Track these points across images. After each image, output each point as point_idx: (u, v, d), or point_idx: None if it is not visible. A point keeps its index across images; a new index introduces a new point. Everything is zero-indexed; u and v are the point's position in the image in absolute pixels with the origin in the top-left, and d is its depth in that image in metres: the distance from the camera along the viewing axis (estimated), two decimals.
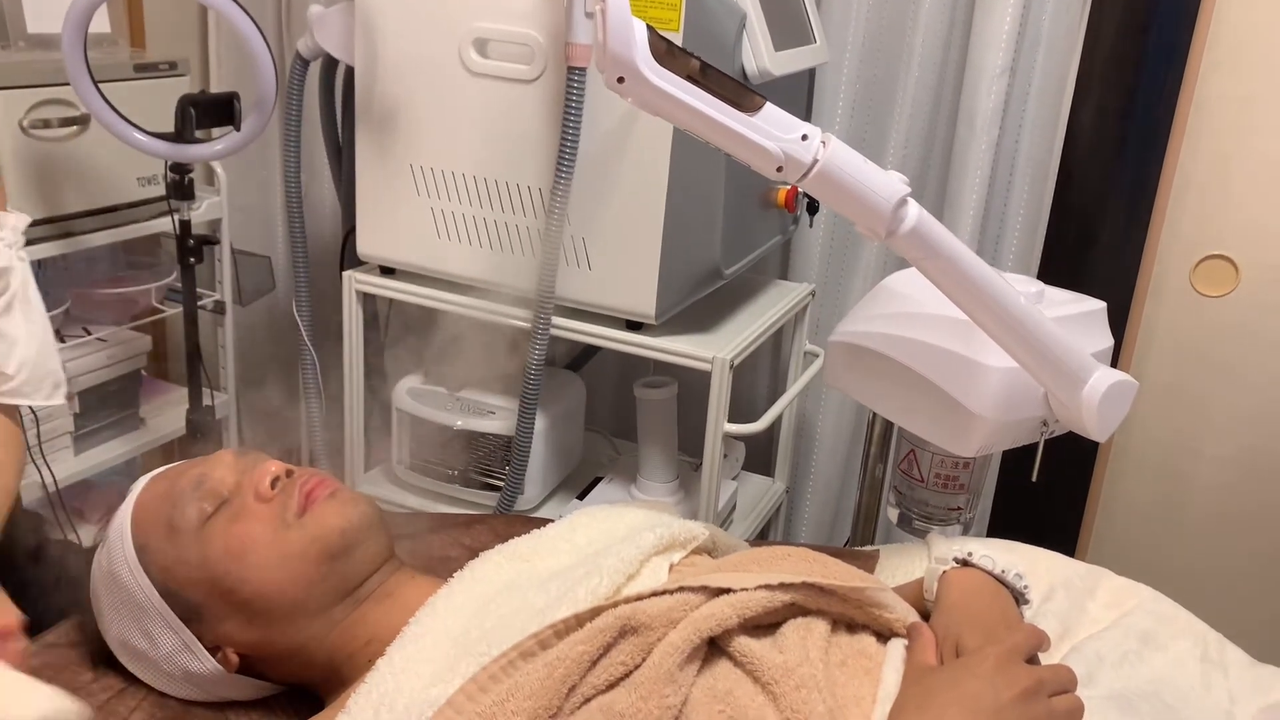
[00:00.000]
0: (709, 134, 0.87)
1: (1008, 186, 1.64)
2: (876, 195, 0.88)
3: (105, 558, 0.93)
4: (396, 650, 0.83)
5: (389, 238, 1.47)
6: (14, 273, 1.04)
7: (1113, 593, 1.09)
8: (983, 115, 1.56)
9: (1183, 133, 1.60)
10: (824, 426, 1.84)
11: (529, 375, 1.39)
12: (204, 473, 0.92)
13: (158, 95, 1.53)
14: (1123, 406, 1.06)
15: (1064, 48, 1.56)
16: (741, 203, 1.44)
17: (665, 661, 0.76)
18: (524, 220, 1.37)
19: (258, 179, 2.04)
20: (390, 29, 1.37)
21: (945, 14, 1.60)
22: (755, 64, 1.32)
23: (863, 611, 0.86)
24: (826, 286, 1.78)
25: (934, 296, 1.06)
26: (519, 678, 0.75)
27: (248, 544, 0.87)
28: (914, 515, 1.31)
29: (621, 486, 1.59)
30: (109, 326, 1.67)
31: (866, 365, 1.22)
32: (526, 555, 0.96)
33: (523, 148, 1.33)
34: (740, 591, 0.81)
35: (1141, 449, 1.77)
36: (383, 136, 1.42)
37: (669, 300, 1.36)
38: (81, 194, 1.51)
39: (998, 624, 0.87)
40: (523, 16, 1.28)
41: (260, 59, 1.31)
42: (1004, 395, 1.09)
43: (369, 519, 0.92)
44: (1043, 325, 0.99)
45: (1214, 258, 1.64)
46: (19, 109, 1.41)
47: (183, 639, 0.90)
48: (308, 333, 1.57)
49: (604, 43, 0.81)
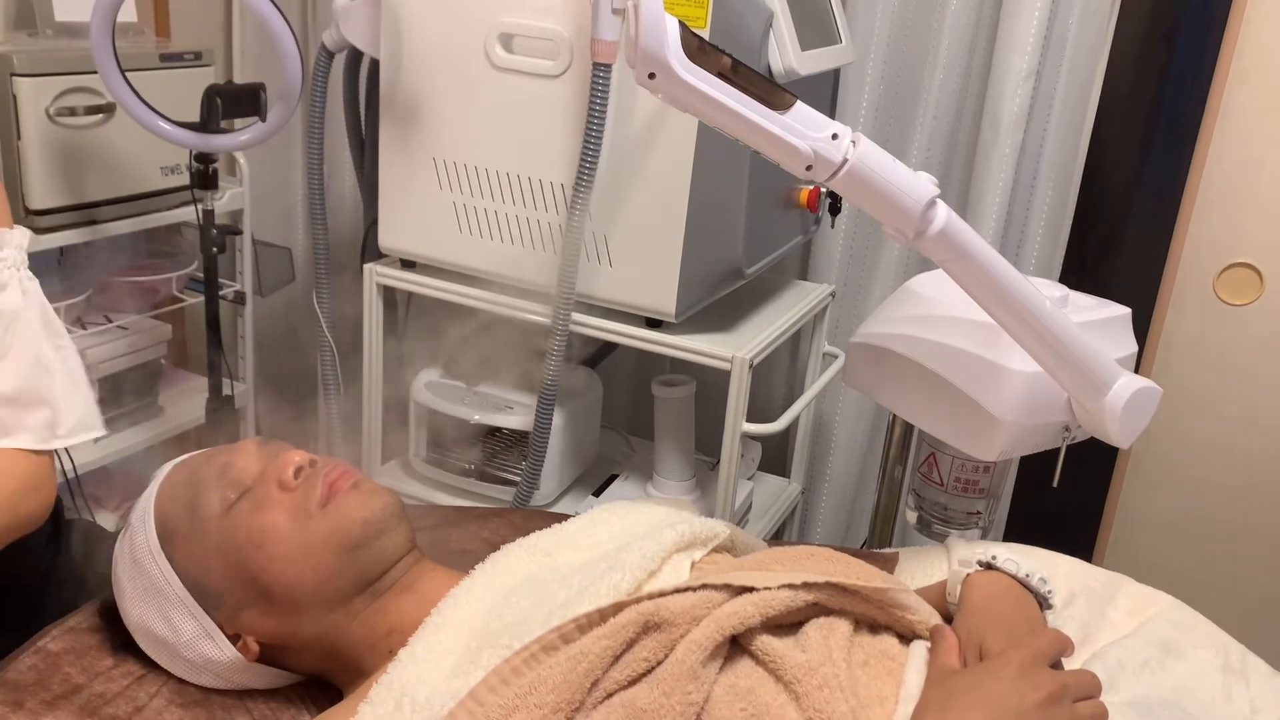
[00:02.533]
0: (739, 131, 0.87)
1: (1031, 190, 1.63)
2: (906, 196, 0.88)
3: (128, 543, 0.93)
4: (418, 641, 0.83)
5: (411, 231, 1.47)
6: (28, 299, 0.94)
7: (1133, 600, 1.08)
8: (1007, 118, 1.55)
9: (1209, 140, 1.59)
10: (841, 428, 1.83)
11: (548, 371, 1.39)
12: (228, 461, 0.92)
13: (182, 85, 1.54)
14: (1146, 413, 1.05)
15: (1090, 52, 1.55)
16: (763, 202, 1.43)
17: (688, 658, 0.76)
18: (546, 216, 1.37)
19: (278, 170, 2.04)
20: (416, 22, 1.37)
21: (971, 16, 1.59)
22: (781, 63, 1.32)
23: (885, 612, 0.86)
24: (846, 288, 1.78)
25: (958, 299, 1.06)
26: (542, 671, 0.75)
27: (270, 533, 0.88)
28: (933, 519, 1.30)
29: (637, 484, 1.58)
30: (130, 315, 1.67)
31: (888, 367, 1.21)
32: (548, 549, 0.96)
33: (546, 143, 1.33)
34: (763, 590, 0.81)
35: (1162, 456, 1.76)
36: (406, 130, 1.42)
37: (690, 298, 1.36)
38: (105, 182, 1.52)
39: (1022, 628, 0.86)
40: (548, 12, 1.28)
41: (287, 51, 1.31)
42: (1027, 400, 1.09)
43: (391, 510, 0.92)
44: (1068, 330, 0.98)
45: (1238, 266, 1.63)
46: (46, 96, 1.42)
47: (203, 626, 0.90)
48: (328, 324, 1.58)
49: (636, 38, 0.81)
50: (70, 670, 0.91)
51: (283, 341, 2.06)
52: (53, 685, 0.90)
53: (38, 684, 0.89)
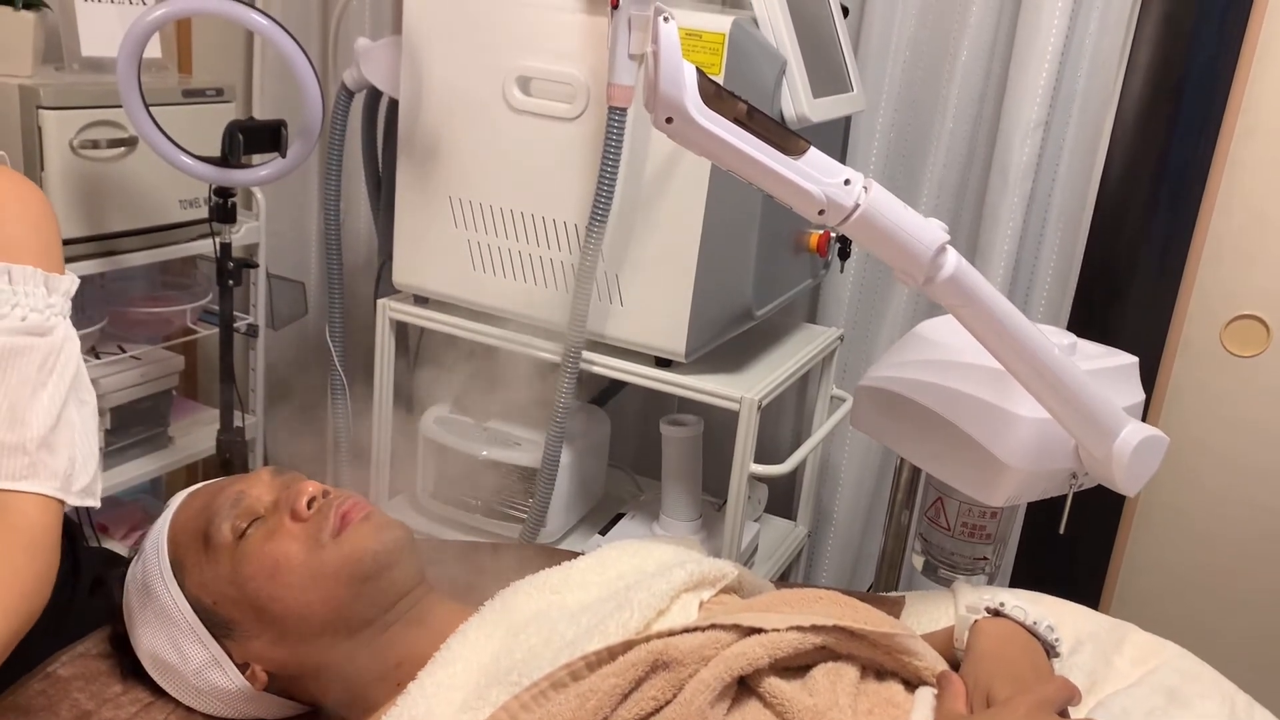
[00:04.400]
0: (754, 176, 0.88)
1: (1039, 240, 1.65)
2: (917, 241, 0.89)
3: (140, 570, 0.93)
4: (428, 675, 0.83)
5: (425, 267, 1.49)
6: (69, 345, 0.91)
7: (1139, 648, 1.08)
8: (1016, 168, 1.57)
9: (1216, 192, 1.61)
10: (847, 472, 1.84)
11: (557, 408, 1.40)
12: (242, 490, 0.93)
13: (203, 120, 1.56)
14: (1153, 462, 1.06)
15: (1099, 104, 1.58)
16: (774, 245, 1.45)
17: (697, 698, 0.76)
18: (559, 255, 1.39)
19: (294, 205, 2.07)
20: (435, 64, 1.40)
21: (981, 66, 1.62)
22: (794, 109, 1.34)
23: (892, 658, 0.86)
24: (854, 332, 1.79)
25: (967, 344, 1.07)
26: (551, 707, 0.76)
27: (282, 562, 0.88)
28: (939, 563, 1.30)
29: (644, 523, 1.59)
30: (143, 345, 1.69)
31: (897, 411, 1.22)
32: (556, 587, 0.96)
33: (561, 184, 1.35)
34: (772, 632, 0.81)
35: (1168, 506, 1.76)
36: (423, 168, 1.44)
37: (699, 339, 1.37)
38: (125, 214, 1.54)
39: (1029, 675, 0.86)
40: (566, 56, 1.31)
41: (308, 89, 1.34)
42: (1035, 446, 1.09)
43: (402, 543, 0.93)
44: (1077, 377, 0.99)
45: (1245, 318, 1.64)
46: (70, 129, 1.44)
47: (213, 654, 0.90)
48: (339, 358, 1.59)
49: (655, 84, 0.83)
50: (79, 696, 0.92)
51: (294, 375, 2.07)
52: (61, 711, 0.90)
53: (47, 709, 0.89)
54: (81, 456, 0.89)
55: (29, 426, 0.84)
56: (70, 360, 0.90)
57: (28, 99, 1.41)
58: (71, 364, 0.90)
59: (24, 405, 0.84)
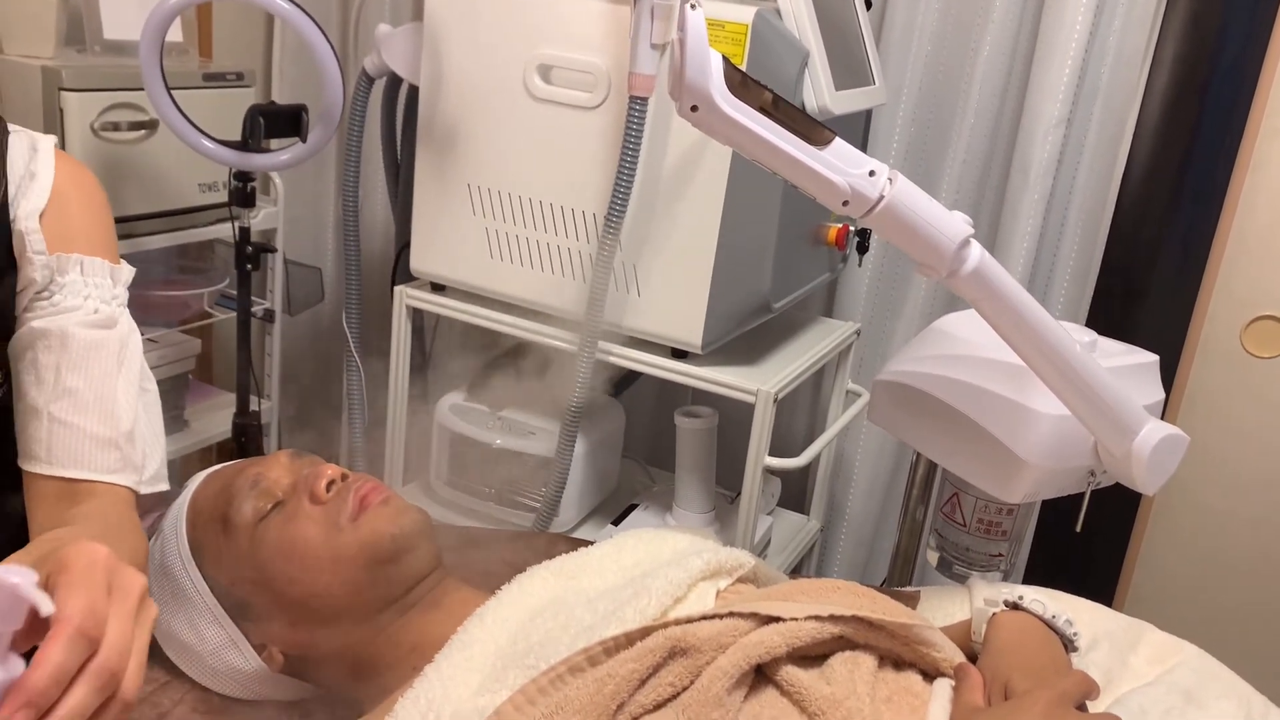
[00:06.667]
0: (778, 165, 0.88)
1: (1059, 237, 1.64)
2: (940, 234, 0.89)
3: (158, 550, 0.94)
4: (444, 658, 0.84)
5: (442, 255, 1.49)
6: (133, 336, 0.94)
7: (1155, 648, 1.07)
8: (1037, 165, 1.56)
9: (1239, 193, 1.60)
10: (861, 466, 1.83)
11: (572, 398, 1.39)
12: (261, 472, 0.93)
13: (223, 104, 1.57)
14: (1173, 460, 1.05)
15: (1122, 101, 1.57)
16: (793, 238, 1.45)
17: (714, 685, 0.76)
18: (577, 244, 1.38)
19: (312, 190, 2.07)
20: (456, 51, 1.40)
21: (1004, 63, 1.61)
22: (816, 102, 1.33)
23: (910, 649, 0.86)
24: (871, 326, 1.78)
25: (987, 339, 1.06)
26: (568, 691, 0.76)
27: (300, 545, 0.88)
28: (954, 560, 1.30)
29: (657, 514, 1.59)
30: (160, 328, 1.69)
31: (914, 406, 1.21)
32: (573, 573, 0.96)
33: (580, 173, 1.35)
34: (790, 620, 0.81)
35: (1185, 505, 1.75)
36: (442, 155, 1.44)
37: (716, 331, 1.37)
38: (144, 197, 1.55)
39: (1048, 668, 0.86)
40: (587, 45, 1.31)
41: (329, 74, 1.34)
42: (1053, 443, 1.09)
43: (420, 527, 0.93)
44: (1098, 374, 0.98)
45: (1266, 318, 1.63)
46: (92, 111, 1.45)
47: (230, 635, 0.91)
48: (355, 344, 1.59)
49: (681, 72, 0.83)
50: None
51: (309, 360, 2.07)
52: None
53: None
54: (149, 444, 0.92)
55: (119, 421, 0.87)
56: (136, 352, 0.93)
57: (50, 80, 1.42)
58: (137, 355, 0.93)
59: (110, 399, 0.87)
